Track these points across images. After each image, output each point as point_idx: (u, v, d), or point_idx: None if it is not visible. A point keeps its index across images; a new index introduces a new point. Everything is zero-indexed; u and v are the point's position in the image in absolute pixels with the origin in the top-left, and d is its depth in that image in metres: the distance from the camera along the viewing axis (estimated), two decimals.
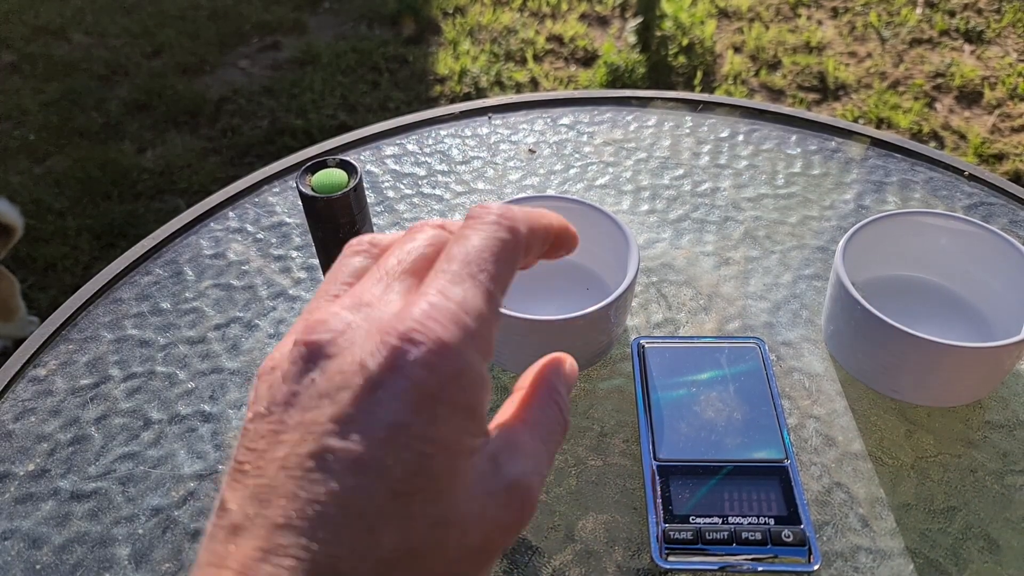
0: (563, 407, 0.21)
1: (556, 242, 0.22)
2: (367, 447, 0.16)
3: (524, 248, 0.20)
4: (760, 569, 0.29)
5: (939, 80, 1.56)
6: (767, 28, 1.72)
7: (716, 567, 0.30)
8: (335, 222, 0.29)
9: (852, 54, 1.65)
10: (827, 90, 1.56)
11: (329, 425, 0.16)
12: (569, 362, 0.22)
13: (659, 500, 0.31)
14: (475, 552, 0.17)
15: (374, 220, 0.49)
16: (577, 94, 0.58)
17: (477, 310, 0.18)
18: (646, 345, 0.37)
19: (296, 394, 0.17)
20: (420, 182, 0.52)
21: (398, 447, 0.16)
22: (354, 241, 0.21)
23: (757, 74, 1.61)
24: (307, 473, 0.16)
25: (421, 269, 0.20)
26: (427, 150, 0.54)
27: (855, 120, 1.48)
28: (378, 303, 0.18)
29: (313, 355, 0.17)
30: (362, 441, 0.16)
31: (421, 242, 0.20)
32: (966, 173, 0.50)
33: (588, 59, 1.68)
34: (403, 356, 0.17)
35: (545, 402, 0.21)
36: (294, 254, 0.47)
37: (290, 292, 0.45)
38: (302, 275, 0.46)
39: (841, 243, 0.37)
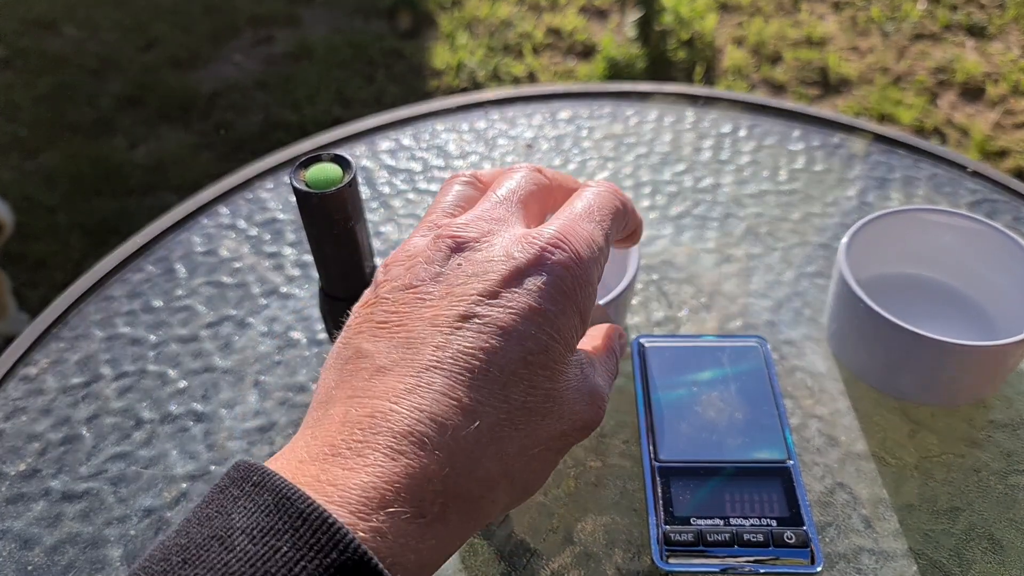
0: (618, 360, 0.25)
1: (632, 235, 0.26)
2: (511, 317, 0.19)
3: (627, 220, 0.24)
4: (762, 571, 0.29)
5: (941, 76, 1.55)
6: (768, 22, 1.71)
7: (717, 569, 0.29)
8: (329, 218, 0.29)
9: (854, 49, 1.64)
10: (829, 85, 1.55)
11: (477, 297, 0.19)
12: (623, 333, 0.26)
13: (659, 502, 0.31)
14: (562, 434, 0.20)
15: (369, 216, 0.48)
16: (576, 88, 0.57)
17: (600, 243, 0.21)
18: (646, 344, 0.36)
19: (441, 274, 0.20)
20: (416, 177, 0.51)
21: (535, 324, 0.19)
22: (458, 173, 0.25)
23: (758, 69, 1.60)
24: (456, 329, 0.18)
25: (531, 202, 0.23)
26: (423, 145, 0.54)
27: (857, 115, 1.47)
28: (507, 221, 0.22)
29: (460, 247, 0.20)
30: (507, 312, 0.19)
31: (526, 180, 0.23)
32: (969, 169, 0.49)
33: (587, 53, 1.67)
34: (548, 256, 0.20)
35: (607, 350, 0.24)
36: (287, 251, 0.46)
37: (283, 290, 0.44)
38: (295, 272, 0.45)
39: (844, 240, 0.37)
